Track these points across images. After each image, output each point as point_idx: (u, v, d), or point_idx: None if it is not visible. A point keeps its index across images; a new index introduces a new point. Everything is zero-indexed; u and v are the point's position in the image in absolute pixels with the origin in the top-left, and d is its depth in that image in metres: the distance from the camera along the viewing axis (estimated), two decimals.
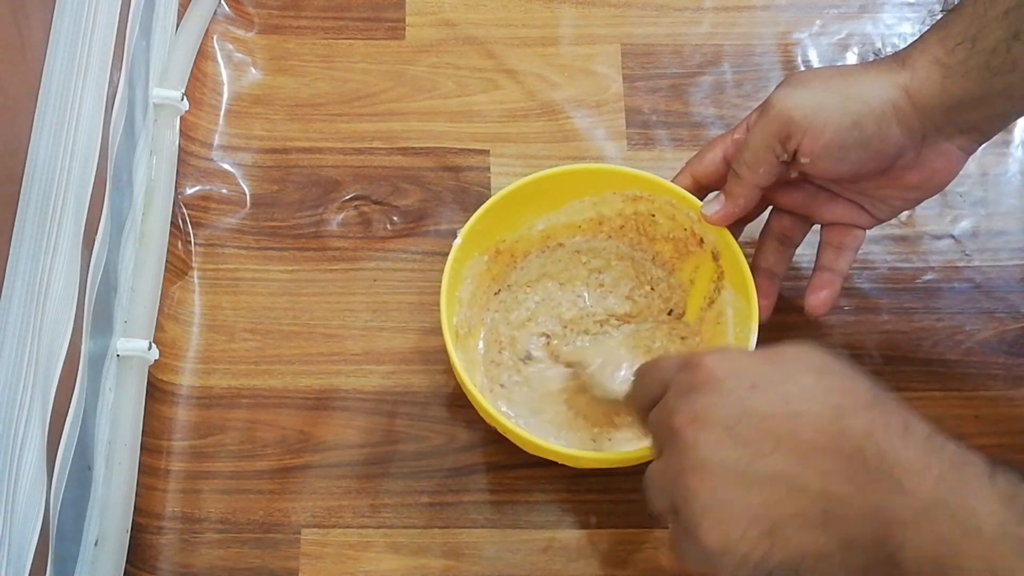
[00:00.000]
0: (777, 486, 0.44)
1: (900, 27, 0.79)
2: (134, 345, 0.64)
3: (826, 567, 0.43)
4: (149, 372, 0.65)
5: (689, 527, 0.45)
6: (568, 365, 0.65)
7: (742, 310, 0.62)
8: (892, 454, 0.43)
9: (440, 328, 0.59)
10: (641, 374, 0.52)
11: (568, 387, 0.65)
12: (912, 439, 0.43)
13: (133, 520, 0.62)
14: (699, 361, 0.48)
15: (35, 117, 0.53)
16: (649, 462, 0.61)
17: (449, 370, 0.65)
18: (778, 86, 0.59)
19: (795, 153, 0.58)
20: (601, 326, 0.67)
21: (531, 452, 0.60)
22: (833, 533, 0.43)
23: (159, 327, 0.67)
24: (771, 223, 0.65)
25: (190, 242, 0.70)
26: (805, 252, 0.65)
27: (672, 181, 0.64)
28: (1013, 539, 0.40)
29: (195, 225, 0.71)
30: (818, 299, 0.63)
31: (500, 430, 0.59)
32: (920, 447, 0.43)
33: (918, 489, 0.42)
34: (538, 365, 0.66)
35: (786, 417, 0.45)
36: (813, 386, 0.46)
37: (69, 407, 0.55)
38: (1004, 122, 0.58)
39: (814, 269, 0.64)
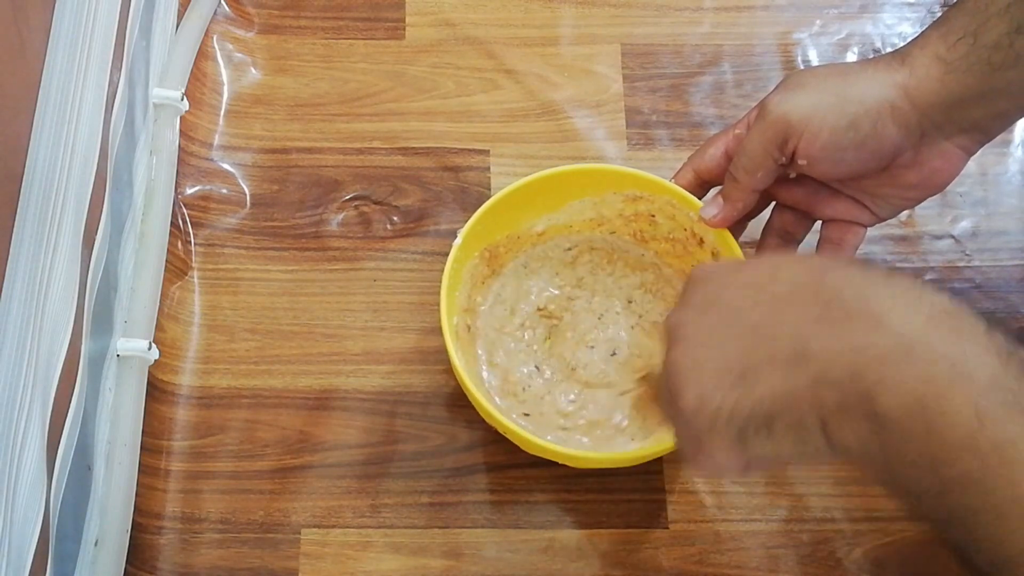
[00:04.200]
0: (752, 336, 0.44)
1: (900, 27, 0.79)
2: (134, 345, 0.64)
3: (798, 408, 0.42)
4: (149, 372, 0.65)
5: (674, 401, 0.45)
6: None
7: None
8: (875, 297, 0.41)
9: (440, 328, 0.59)
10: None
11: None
12: (898, 285, 0.41)
13: (133, 520, 0.62)
14: (691, 272, 0.49)
15: (35, 117, 0.53)
16: (649, 462, 0.62)
17: (449, 370, 0.65)
18: (775, 89, 0.59)
19: (793, 155, 0.58)
20: (600, 319, 0.67)
21: (531, 452, 0.60)
22: (804, 370, 0.41)
23: (159, 327, 0.67)
24: (773, 219, 0.65)
25: (190, 242, 0.70)
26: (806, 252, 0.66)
27: (674, 176, 0.64)
28: (1005, 391, 0.38)
29: (195, 225, 0.71)
30: None
31: (500, 430, 0.59)
32: (907, 293, 0.41)
33: (903, 327, 0.40)
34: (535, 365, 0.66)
35: (767, 280, 0.45)
36: (793, 259, 0.48)
37: (69, 407, 0.55)
38: (1005, 121, 0.57)
39: None
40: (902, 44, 0.58)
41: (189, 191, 0.72)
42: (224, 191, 0.72)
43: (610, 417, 0.64)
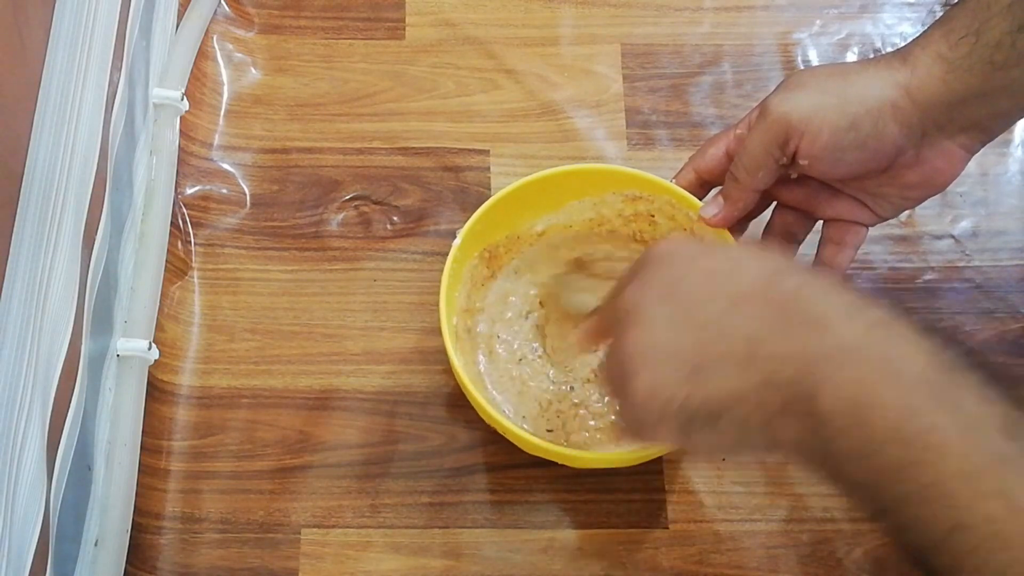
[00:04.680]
0: (707, 331, 0.45)
1: (900, 27, 0.79)
2: (134, 345, 0.64)
3: (744, 408, 0.44)
4: (149, 372, 0.65)
5: (625, 381, 0.46)
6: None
7: None
8: (821, 305, 0.44)
9: (440, 329, 0.59)
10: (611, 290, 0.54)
11: (538, 314, 0.66)
12: (843, 296, 0.44)
13: (133, 520, 0.62)
14: (650, 247, 0.50)
15: (35, 117, 0.53)
16: (649, 462, 0.61)
17: (449, 370, 0.65)
18: (776, 89, 0.59)
19: (794, 155, 0.58)
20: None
21: (531, 452, 0.60)
22: (753, 372, 0.44)
23: (159, 327, 0.67)
24: (774, 219, 0.65)
25: (190, 242, 0.70)
26: (807, 252, 0.65)
27: (675, 176, 0.64)
28: (931, 384, 0.40)
29: (195, 225, 0.71)
30: None
31: (500, 430, 0.59)
32: (849, 303, 0.44)
33: (842, 333, 0.42)
34: (532, 366, 0.66)
35: (724, 274, 0.47)
36: (754, 255, 0.48)
37: (69, 407, 0.55)
38: (1007, 121, 0.57)
39: (812, 264, 0.64)
40: (902, 44, 0.58)
41: (189, 191, 0.72)
42: (224, 191, 0.72)
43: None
